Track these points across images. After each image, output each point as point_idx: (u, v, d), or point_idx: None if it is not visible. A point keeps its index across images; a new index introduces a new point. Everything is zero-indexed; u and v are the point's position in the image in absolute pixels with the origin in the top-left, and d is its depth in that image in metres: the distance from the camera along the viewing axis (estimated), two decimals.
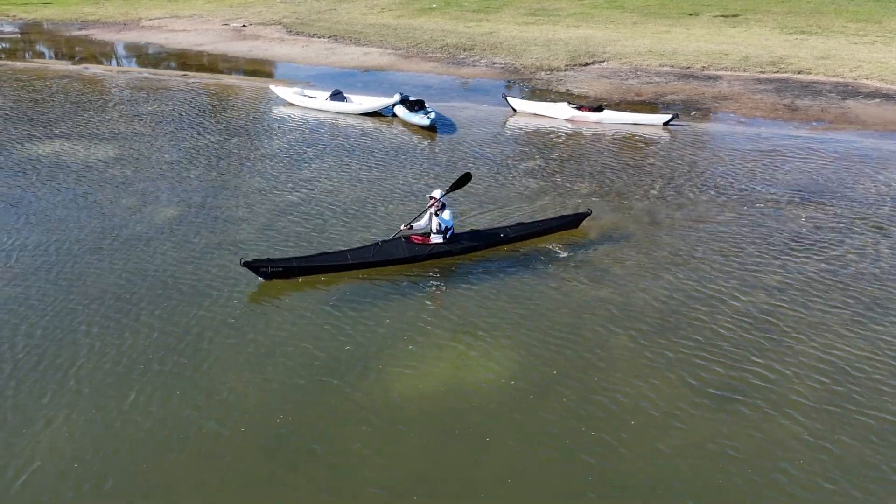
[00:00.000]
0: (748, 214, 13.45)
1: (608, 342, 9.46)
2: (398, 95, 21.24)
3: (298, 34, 36.01)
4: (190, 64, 30.69)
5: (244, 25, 39.46)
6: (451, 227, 11.88)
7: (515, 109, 21.31)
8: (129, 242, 12.63)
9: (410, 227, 12.00)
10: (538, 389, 8.54)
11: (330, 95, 22.09)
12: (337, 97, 22.04)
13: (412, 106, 20.50)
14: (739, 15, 35.25)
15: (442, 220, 11.70)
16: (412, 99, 20.91)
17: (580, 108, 20.34)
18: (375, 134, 19.54)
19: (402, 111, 20.59)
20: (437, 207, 11.77)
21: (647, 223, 13.18)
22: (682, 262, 11.63)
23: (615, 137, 18.76)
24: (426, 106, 20.58)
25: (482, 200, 14.38)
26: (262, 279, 11.02)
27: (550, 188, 15.06)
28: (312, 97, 22.53)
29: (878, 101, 21.18)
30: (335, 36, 34.82)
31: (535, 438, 7.77)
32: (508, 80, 25.69)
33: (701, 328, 9.72)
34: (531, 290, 10.82)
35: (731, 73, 25.24)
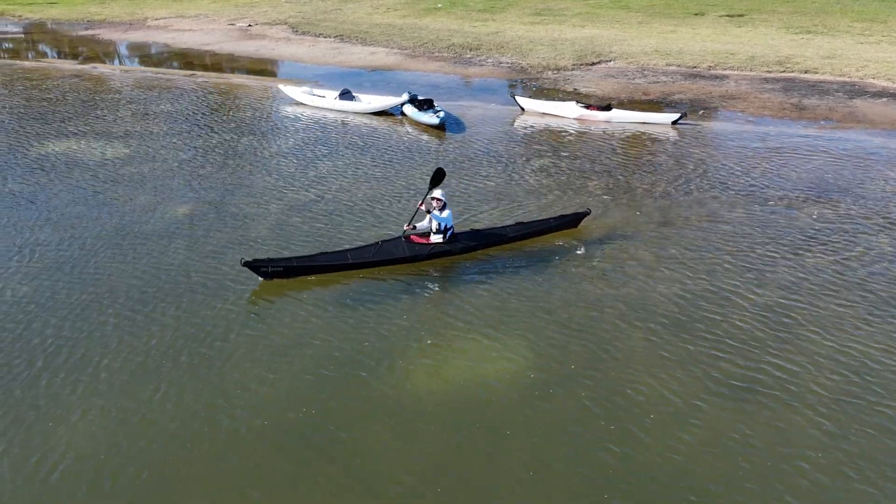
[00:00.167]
0: (759, 212, 13.54)
1: (623, 338, 9.55)
2: (407, 95, 21.34)
3: (304, 34, 36.11)
4: (197, 63, 30.80)
5: (250, 25, 39.57)
6: (451, 226, 11.89)
7: (524, 108, 21.39)
8: (145, 239, 12.74)
9: (414, 227, 12.03)
10: (556, 384, 8.64)
11: (339, 95, 22.18)
12: (346, 96, 22.14)
13: (421, 105, 20.59)
14: (745, 15, 35.30)
15: (442, 219, 11.70)
16: (421, 98, 21.00)
17: (589, 107, 20.43)
18: (385, 133, 19.64)
19: (411, 110, 20.69)
20: (438, 207, 11.78)
21: (658, 221, 13.27)
22: (694, 259, 11.71)
23: (624, 136, 18.85)
24: (435, 105, 20.68)
25: (494, 197, 14.49)
26: (262, 279, 11.03)
27: (561, 186, 15.15)
28: (321, 96, 22.64)
29: (885, 100, 21.24)
30: (341, 36, 34.91)
31: (555, 432, 7.87)
32: (511, 79, 25.77)
33: (716, 324, 9.81)
34: (544, 287, 10.92)
35: (737, 72, 25.31)
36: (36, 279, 11.34)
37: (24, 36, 42.51)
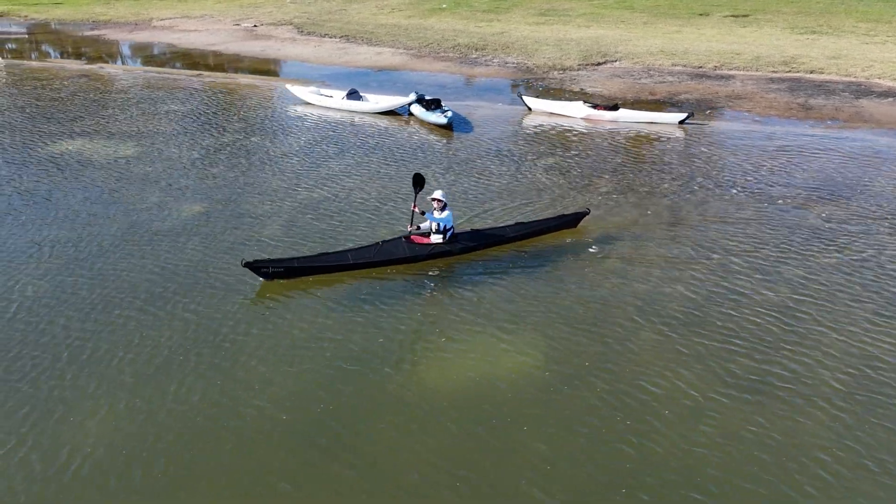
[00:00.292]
0: (768, 211, 13.61)
1: (636, 334, 9.63)
2: (414, 94, 21.41)
3: (310, 34, 36.22)
4: (203, 63, 30.93)
5: (255, 25, 39.69)
6: (450, 227, 11.92)
7: (531, 108, 21.48)
8: (158, 237, 12.84)
9: (418, 227, 12.04)
10: (571, 380, 8.72)
11: (346, 94, 22.29)
12: (353, 96, 22.24)
13: (429, 105, 20.67)
14: (749, 15, 35.38)
15: (440, 220, 11.73)
16: (428, 98, 21.09)
17: (596, 106, 20.51)
18: (393, 132, 19.73)
19: (418, 110, 20.78)
20: (438, 208, 11.81)
21: (667, 220, 13.35)
22: (704, 257, 11.79)
23: (631, 136, 18.93)
24: (443, 105, 20.77)
25: (503, 196, 14.57)
26: (263, 280, 11.04)
27: (570, 185, 15.24)
28: (329, 96, 22.73)
29: (891, 100, 21.31)
30: (347, 36, 35.02)
31: (571, 427, 7.95)
32: (516, 79, 25.85)
33: (728, 321, 9.89)
34: (555, 284, 11.00)
35: (743, 72, 25.39)
36: (55, 275, 11.45)
37: (30, 36, 42.66)
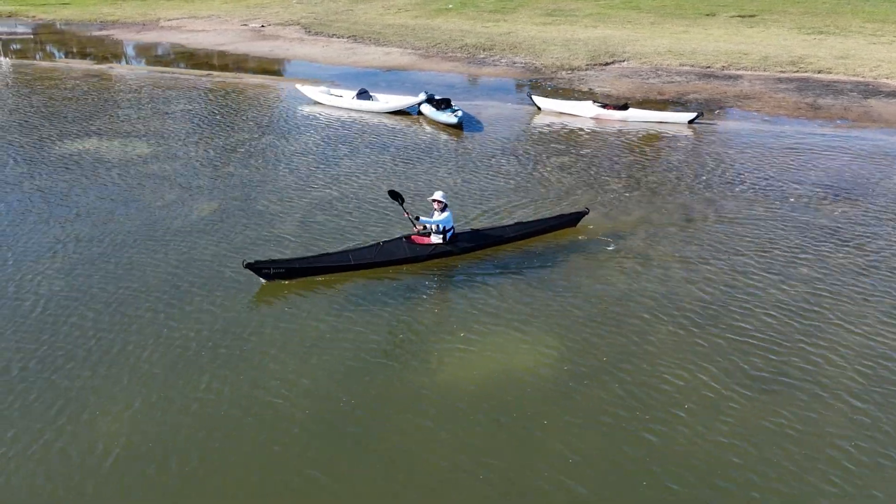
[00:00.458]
0: (780, 210, 13.70)
1: (653, 331, 9.73)
2: (423, 94, 21.52)
3: (318, 34, 36.37)
4: (212, 64, 31.09)
5: (263, 26, 39.85)
6: (450, 227, 11.97)
7: (540, 108, 21.59)
8: (175, 234, 12.97)
9: (425, 227, 12.00)
10: (590, 375, 8.82)
11: (356, 94, 22.41)
12: (363, 96, 22.36)
13: (439, 104, 20.79)
14: (756, 15, 35.44)
15: (439, 221, 11.77)
16: (438, 97, 21.20)
17: (605, 106, 20.60)
18: (404, 132, 19.85)
19: (428, 109, 20.89)
20: (438, 209, 11.85)
21: (679, 218, 13.44)
22: (717, 255, 11.88)
23: (641, 135, 19.02)
24: (452, 104, 20.88)
25: (515, 195, 14.68)
26: (264, 281, 11.07)
27: (581, 184, 15.33)
28: (339, 96, 22.86)
29: None
30: (354, 36, 35.16)
31: (592, 420, 8.05)
32: (522, 79, 25.96)
33: (744, 317, 9.98)
34: (571, 282, 11.10)
35: (751, 72, 25.47)
36: (80, 271, 11.60)
37: (38, 37, 42.87)
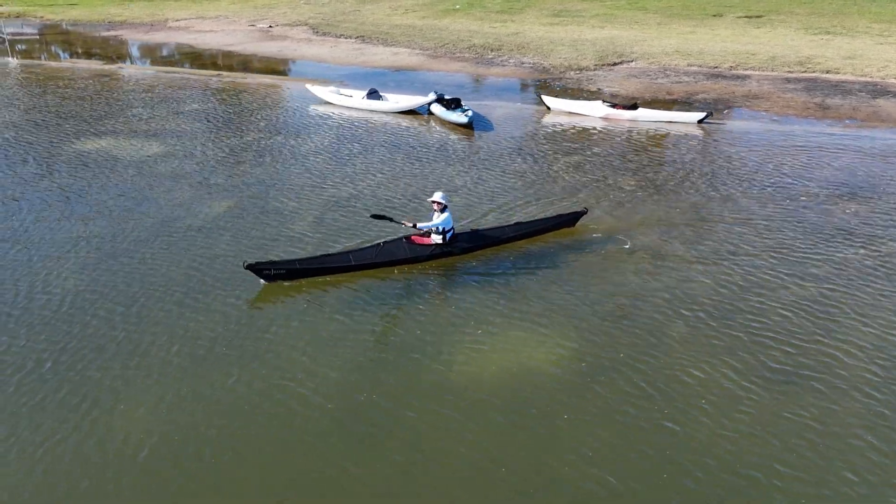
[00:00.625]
0: (791, 208, 13.79)
1: (669, 326, 9.84)
2: (433, 94, 21.64)
3: (325, 35, 36.52)
4: (222, 64, 31.26)
5: (271, 26, 40.01)
6: (450, 228, 12.02)
7: (550, 107, 21.70)
8: (194, 232, 13.11)
9: (415, 225, 11.95)
10: (607, 370, 8.93)
11: (366, 94, 22.53)
12: (373, 96, 22.48)
13: (449, 104, 20.91)
14: (763, 16, 35.51)
15: (438, 224, 11.81)
16: (448, 97, 21.32)
17: (615, 106, 20.71)
18: (414, 131, 19.98)
19: (439, 109, 21.01)
20: (438, 209, 11.89)
21: (691, 217, 13.54)
22: (730, 253, 11.98)
23: (651, 135, 19.13)
24: (463, 104, 20.99)
25: (527, 193, 14.79)
26: (264, 282, 11.11)
27: (593, 183, 15.44)
28: (349, 96, 23.00)
29: None
30: (362, 36, 35.31)
31: (611, 414, 8.16)
32: (531, 80, 26.07)
33: (759, 314, 10.08)
34: (585, 280, 11.20)
35: (759, 72, 25.55)
36: (98, 269, 11.73)
37: (47, 37, 43.09)
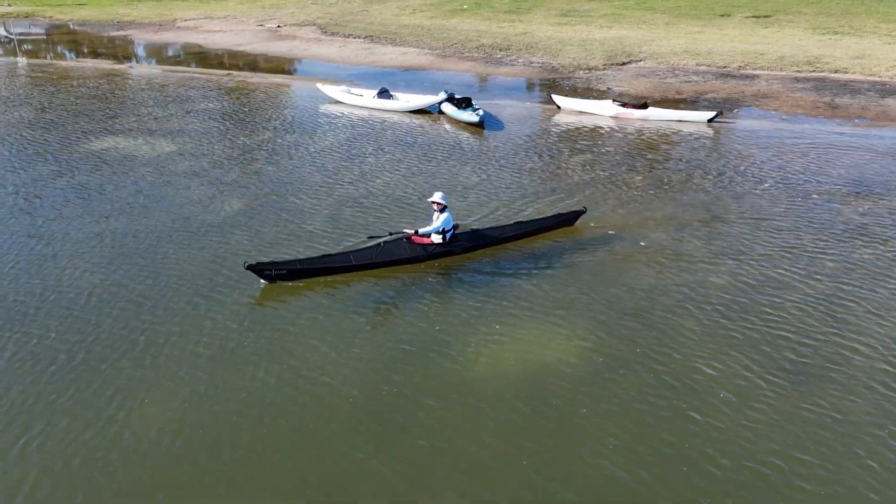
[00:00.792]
0: (803, 206, 13.89)
1: (684, 322, 9.95)
2: (444, 93, 21.78)
3: (334, 35, 36.68)
4: (231, 63, 31.43)
5: (279, 26, 40.19)
6: (450, 228, 12.09)
7: (560, 107, 21.81)
8: (209, 229, 13.27)
9: (416, 232, 11.99)
10: (625, 364, 9.05)
11: (377, 93, 22.67)
12: (384, 95, 22.62)
13: (459, 103, 21.04)
14: (771, 16, 35.57)
15: (441, 224, 11.87)
16: (459, 97, 21.44)
17: (625, 105, 20.81)
18: (425, 130, 20.11)
19: (449, 108, 21.14)
20: (438, 210, 11.95)
21: (704, 214, 13.65)
22: (744, 250, 12.09)
23: (662, 134, 19.23)
24: (473, 103, 21.12)
25: (539, 191, 14.92)
26: (265, 282, 11.17)
27: (604, 181, 15.54)
28: (359, 95, 23.14)
29: None
30: (371, 36, 35.45)
31: (630, 407, 8.28)
32: (540, 79, 26.18)
33: (773, 310, 10.18)
34: (599, 277, 11.32)
35: (767, 72, 25.62)
36: (117, 265, 11.89)
37: (56, 37, 43.34)
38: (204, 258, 12.08)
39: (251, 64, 31.23)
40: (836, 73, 25.04)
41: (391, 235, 11.89)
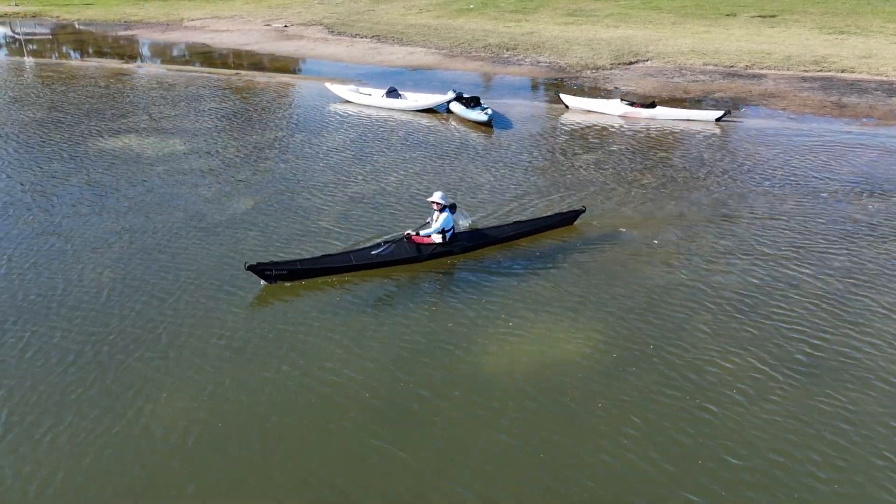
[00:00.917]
0: (813, 204, 13.98)
1: (697, 318, 10.05)
2: (452, 92, 21.88)
3: (341, 34, 36.82)
4: (239, 63, 31.59)
5: (286, 26, 40.34)
6: (450, 227, 12.14)
7: (568, 106, 21.91)
8: (222, 227, 13.40)
9: (417, 233, 12.07)
10: (640, 360, 9.15)
11: (386, 93, 22.79)
12: (392, 94, 22.73)
13: (468, 102, 21.15)
14: (777, 16, 35.62)
15: (441, 224, 11.93)
16: (467, 96, 21.55)
17: (633, 104, 20.90)
18: (434, 129, 20.23)
19: (458, 108, 21.25)
20: (437, 209, 12.03)
21: (713, 213, 13.74)
22: (754, 248, 12.18)
23: (670, 133, 19.32)
24: (482, 102, 21.23)
25: (550, 189, 15.03)
26: (265, 282, 11.19)
27: (614, 180, 15.65)
28: (368, 94, 23.26)
29: None
30: (377, 36, 35.59)
31: (645, 402, 8.38)
32: (544, 78, 26.28)
33: (784, 308, 10.27)
34: (610, 274, 11.41)
35: (774, 71, 25.70)
36: (135, 262, 12.03)
37: (64, 37, 43.54)
38: (217, 256, 12.19)
39: (259, 63, 31.39)
40: (843, 72, 25.11)
41: (393, 244, 11.90)
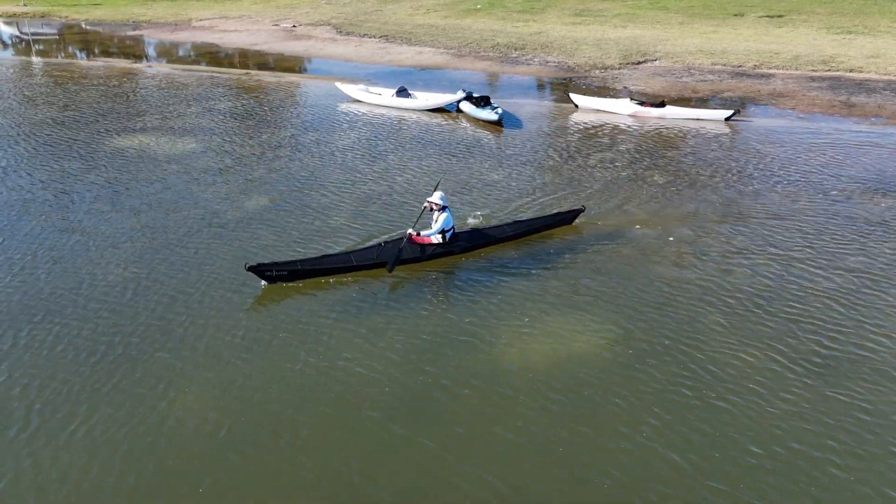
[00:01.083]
0: (824, 203, 14.04)
1: (712, 315, 10.13)
2: (462, 92, 21.98)
3: (349, 34, 36.97)
4: (249, 63, 31.75)
5: (294, 26, 40.51)
6: (450, 227, 12.18)
7: (578, 105, 21.99)
8: (239, 224, 13.53)
9: (418, 233, 12.09)
10: (656, 355, 9.25)
11: (396, 92, 22.91)
12: (402, 94, 22.85)
13: (478, 102, 21.25)
14: (784, 16, 35.64)
15: (442, 225, 11.98)
16: (477, 95, 21.66)
17: (642, 103, 20.99)
18: (444, 129, 20.34)
19: (468, 107, 21.35)
20: (437, 209, 12.07)
21: (724, 212, 13.82)
22: (765, 246, 12.26)
23: (679, 132, 19.40)
24: (492, 101, 21.33)
25: (560, 187, 15.12)
26: (266, 283, 11.21)
27: (624, 179, 15.73)
28: (378, 94, 23.38)
29: None
30: (386, 36, 35.72)
31: (664, 396, 8.47)
32: (553, 78, 26.36)
33: (796, 305, 10.35)
34: (624, 271, 11.50)
35: (783, 71, 25.74)
36: (157, 258, 12.17)
37: (73, 37, 43.78)
38: (235, 252, 12.33)
39: (268, 63, 31.55)
40: (851, 72, 25.14)
41: (399, 254, 11.85)
